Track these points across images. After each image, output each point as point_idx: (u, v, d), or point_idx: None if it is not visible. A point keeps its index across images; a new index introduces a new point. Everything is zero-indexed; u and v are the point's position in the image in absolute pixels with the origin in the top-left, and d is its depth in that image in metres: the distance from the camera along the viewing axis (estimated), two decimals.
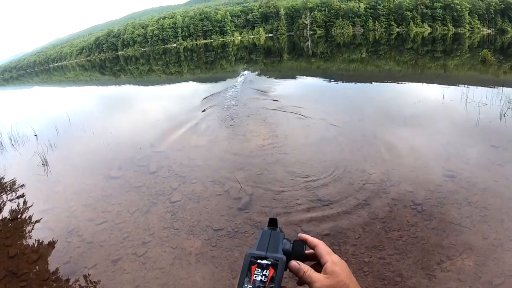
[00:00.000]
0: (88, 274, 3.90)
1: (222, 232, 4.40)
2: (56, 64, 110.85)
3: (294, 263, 0.89)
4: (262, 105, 10.66)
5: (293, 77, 16.87)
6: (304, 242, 0.95)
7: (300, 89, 13.18)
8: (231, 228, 4.45)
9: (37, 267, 4.14)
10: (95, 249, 4.36)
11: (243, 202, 5.03)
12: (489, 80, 13.85)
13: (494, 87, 10.85)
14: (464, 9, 73.94)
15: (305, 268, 0.88)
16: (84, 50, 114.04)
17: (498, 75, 15.08)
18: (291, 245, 0.93)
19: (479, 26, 73.30)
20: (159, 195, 5.50)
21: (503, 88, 10.30)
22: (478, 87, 11.11)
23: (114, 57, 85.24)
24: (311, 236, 0.96)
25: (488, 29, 72.28)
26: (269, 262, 0.84)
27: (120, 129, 9.96)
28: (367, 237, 4.03)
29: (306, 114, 9.17)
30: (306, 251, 0.95)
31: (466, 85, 11.46)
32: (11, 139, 9.76)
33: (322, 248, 0.92)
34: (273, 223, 0.95)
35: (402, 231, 4.07)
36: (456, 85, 11.93)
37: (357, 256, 3.75)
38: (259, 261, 0.85)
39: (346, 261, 3.37)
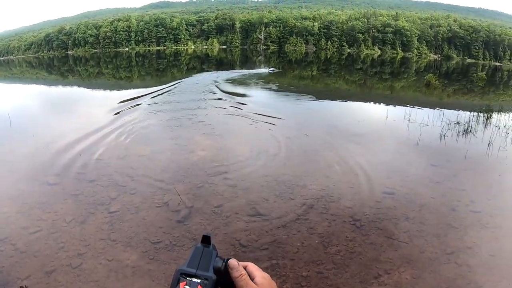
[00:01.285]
0: (23, 286, 3.65)
1: (160, 245, 4.28)
2: (2, 58, 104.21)
3: (234, 261, 0.88)
4: (209, 116, 10.66)
5: (241, 90, 16.73)
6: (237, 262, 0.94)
7: (248, 102, 13.12)
8: (169, 241, 4.34)
9: None
10: (29, 259, 4.10)
11: (182, 214, 4.94)
12: (432, 102, 14.72)
13: (436, 109, 11.55)
14: (413, 35, 78.50)
15: (243, 271, 0.88)
16: (32, 46, 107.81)
17: (441, 98, 16.10)
18: (223, 263, 0.90)
19: (426, 51, 78.11)
20: (97, 205, 5.26)
21: (445, 110, 10.99)
22: (421, 108, 11.77)
23: (63, 56, 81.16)
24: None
25: (435, 54, 77.31)
26: (198, 280, 0.81)
27: (62, 132, 9.36)
28: (305, 251, 4.07)
29: (251, 127, 9.27)
30: None
31: (410, 106, 12.07)
32: None
33: (252, 267, 0.93)
34: (206, 240, 0.92)
35: (340, 246, 4.16)
36: (400, 106, 12.53)
37: (295, 270, 3.77)
38: (188, 278, 0.82)
39: (284, 275, 3.38)
